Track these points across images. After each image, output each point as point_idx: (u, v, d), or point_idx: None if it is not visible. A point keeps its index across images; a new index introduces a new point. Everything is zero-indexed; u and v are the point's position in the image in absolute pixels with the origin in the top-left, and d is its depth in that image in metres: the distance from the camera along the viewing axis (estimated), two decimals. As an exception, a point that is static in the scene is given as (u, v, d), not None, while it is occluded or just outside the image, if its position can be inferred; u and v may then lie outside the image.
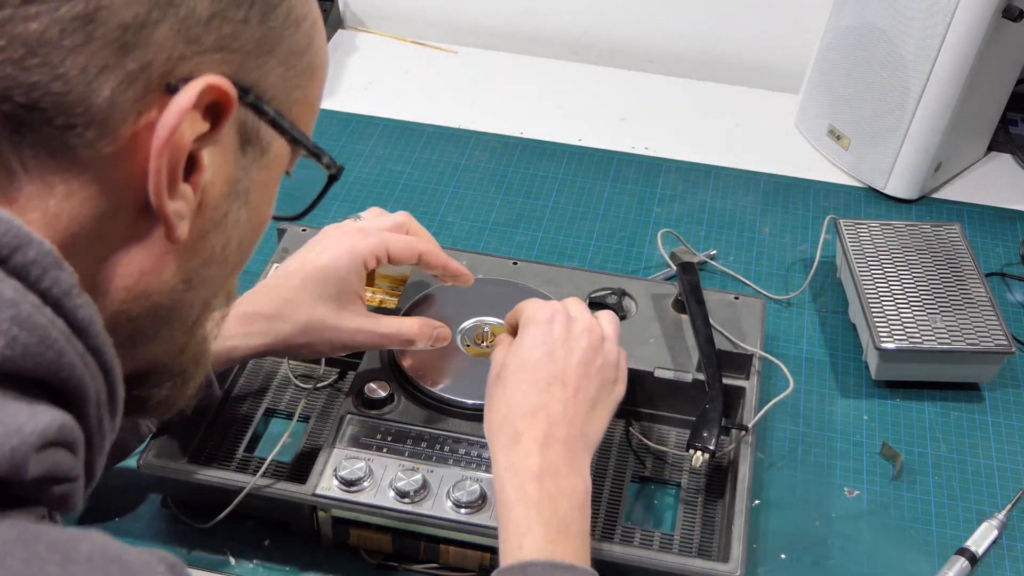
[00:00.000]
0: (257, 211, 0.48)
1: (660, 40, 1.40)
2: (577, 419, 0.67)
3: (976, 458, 0.89)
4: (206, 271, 0.46)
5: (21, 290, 0.37)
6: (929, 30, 1.06)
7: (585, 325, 0.72)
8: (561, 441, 0.66)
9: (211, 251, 0.46)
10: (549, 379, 0.68)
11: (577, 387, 0.69)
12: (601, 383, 0.70)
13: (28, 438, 0.36)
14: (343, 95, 1.33)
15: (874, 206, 1.17)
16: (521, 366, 0.69)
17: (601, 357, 0.71)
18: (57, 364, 0.38)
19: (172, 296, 0.45)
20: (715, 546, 0.78)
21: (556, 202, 1.16)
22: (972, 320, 0.93)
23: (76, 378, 0.39)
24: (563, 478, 0.65)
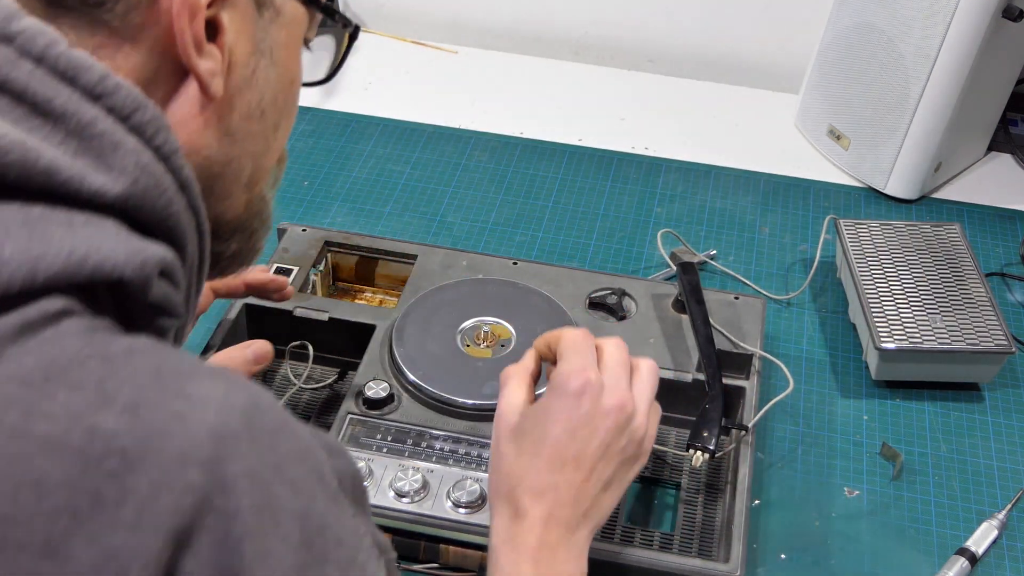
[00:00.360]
0: (284, 69, 0.52)
1: (660, 40, 1.40)
2: (586, 502, 0.64)
3: (976, 458, 0.89)
4: (247, 125, 0.50)
5: (139, 144, 0.42)
6: (929, 30, 1.06)
7: (616, 402, 0.65)
8: (564, 524, 0.63)
9: (247, 106, 0.50)
10: (565, 459, 0.63)
11: (592, 469, 0.64)
12: (620, 464, 0.65)
13: (151, 258, 0.42)
14: (343, 95, 1.33)
15: (874, 206, 1.17)
16: (540, 439, 0.64)
17: (626, 437, 0.65)
18: (167, 211, 0.43)
19: (220, 150, 0.49)
20: (715, 546, 0.78)
21: (556, 202, 1.16)
22: (972, 320, 0.93)
23: (181, 229, 0.45)
24: (560, 563, 0.62)
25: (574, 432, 0.63)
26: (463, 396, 0.81)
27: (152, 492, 0.36)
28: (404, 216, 1.13)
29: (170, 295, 0.44)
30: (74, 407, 0.36)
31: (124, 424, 0.36)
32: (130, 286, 0.41)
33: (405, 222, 1.12)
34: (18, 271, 0.37)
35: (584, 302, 0.92)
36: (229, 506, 0.37)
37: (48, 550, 0.35)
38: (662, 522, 0.81)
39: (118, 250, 0.40)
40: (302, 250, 0.96)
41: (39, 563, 0.35)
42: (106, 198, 0.40)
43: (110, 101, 0.41)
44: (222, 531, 0.37)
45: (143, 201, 0.42)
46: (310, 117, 1.28)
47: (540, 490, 0.63)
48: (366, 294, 1.00)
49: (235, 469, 0.38)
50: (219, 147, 0.49)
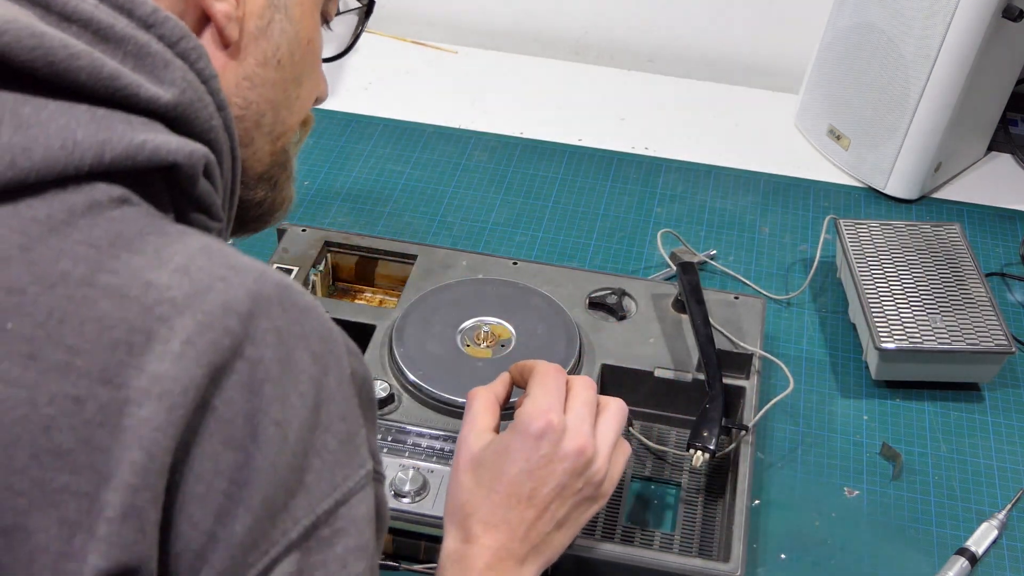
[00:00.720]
0: (300, 27, 0.57)
1: (660, 40, 1.40)
2: (536, 539, 0.66)
3: (976, 458, 0.89)
4: (263, 71, 0.56)
5: (184, 66, 0.48)
6: (929, 30, 1.06)
7: (576, 446, 0.66)
8: (513, 556, 0.65)
9: (263, 54, 0.55)
10: (520, 497, 0.65)
11: (545, 509, 0.65)
12: (576, 504, 0.67)
13: (198, 151, 0.48)
14: (343, 95, 1.33)
15: (874, 206, 1.17)
16: (497, 475, 0.65)
17: (583, 480, 0.66)
18: (208, 124, 0.49)
19: (239, 93, 0.55)
20: (715, 546, 0.78)
21: (556, 202, 1.16)
22: (972, 320, 0.93)
23: (219, 145, 0.51)
24: None
25: (531, 472, 0.65)
26: (463, 396, 0.81)
27: (197, 330, 0.42)
28: (404, 216, 1.13)
29: (212, 194, 0.50)
30: (134, 266, 0.43)
31: (176, 280, 0.43)
32: (181, 173, 0.47)
33: (405, 222, 1.12)
34: (88, 151, 0.43)
35: (584, 302, 0.92)
36: (256, 354, 0.43)
37: (105, 377, 0.41)
38: (662, 522, 0.81)
39: (171, 141, 0.46)
40: (302, 250, 0.96)
41: (97, 388, 0.40)
42: (159, 104, 0.46)
43: (160, 30, 0.48)
44: (248, 374, 0.43)
45: (189, 111, 0.48)
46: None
47: (493, 523, 0.65)
48: (366, 294, 1.00)
49: (265, 325, 0.44)
50: (237, 89, 0.55)
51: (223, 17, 0.52)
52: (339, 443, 0.47)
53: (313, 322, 0.46)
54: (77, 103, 0.44)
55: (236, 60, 0.54)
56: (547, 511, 0.65)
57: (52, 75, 0.44)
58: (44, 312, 0.41)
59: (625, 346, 0.88)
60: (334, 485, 0.46)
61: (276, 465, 0.43)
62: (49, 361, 0.40)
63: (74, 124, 0.44)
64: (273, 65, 0.56)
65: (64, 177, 0.43)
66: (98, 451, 0.40)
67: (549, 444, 0.66)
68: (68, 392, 0.40)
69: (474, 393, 0.71)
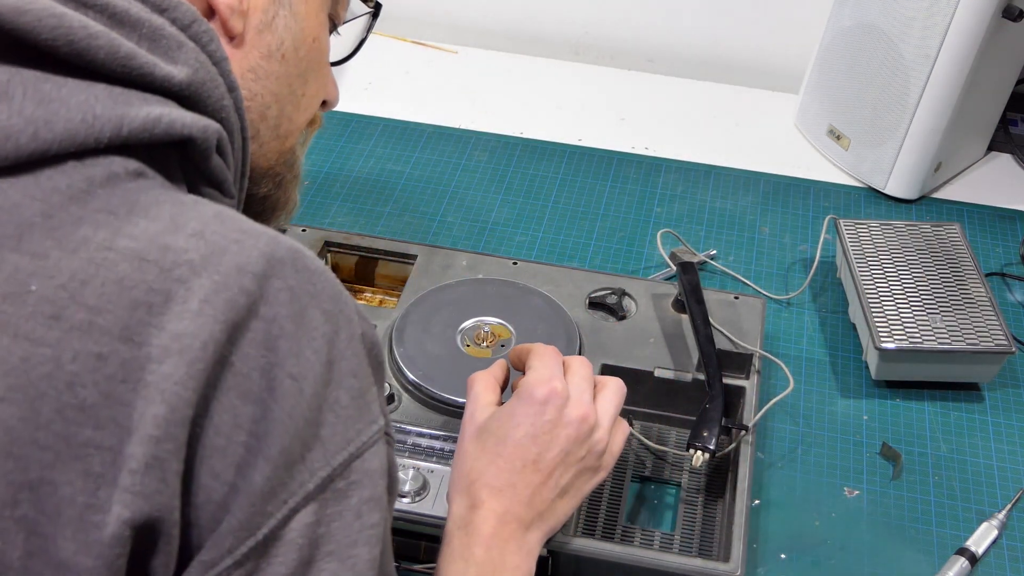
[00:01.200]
0: (305, 23, 0.59)
1: (660, 40, 1.40)
2: (541, 505, 0.67)
3: (976, 458, 0.89)
4: (267, 64, 0.57)
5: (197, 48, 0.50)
6: (929, 30, 1.06)
7: (579, 413, 0.68)
8: (518, 521, 0.66)
9: (267, 47, 0.57)
10: (525, 461, 0.67)
11: (550, 475, 0.67)
12: (579, 473, 0.69)
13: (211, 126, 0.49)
14: (343, 95, 1.31)
15: (874, 206, 1.17)
16: (502, 439, 0.67)
17: (586, 448, 0.68)
18: (220, 103, 0.51)
19: (244, 84, 0.56)
20: (715, 546, 0.78)
21: (556, 202, 1.16)
22: (972, 320, 0.93)
23: (230, 124, 0.52)
24: (510, 554, 0.65)
25: (536, 437, 0.67)
26: (463, 396, 0.81)
27: (214, 289, 0.43)
28: (404, 216, 1.13)
29: (224, 171, 0.52)
30: (152, 231, 0.44)
31: (192, 244, 0.44)
32: (196, 147, 0.49)
33: (405, 222, 1.12)
34: (108, 124, 0.45)
35: (584, 302, 0.92)
36: (270, 313, 0.45)
37: (126, 335, 0.42)
38: (662, 522, 0.81)
39: (186, 116, 0.48)
40: (302, 250, 0.96)
41: (118, 345, 0.42)
42: (173, 82, 0.48)
43: (172, 14, 0.50)
44: (263, 331, 0.44)
45: (202, 90, 0.50)
46: (310, 117, 1.28)
47: (498, 487, 0.66)
48: (366, 294, 1.00)
49: (279, 284, 0.45)
50: (242, 80, 0.55)
51: (227, 9, 0.54)
52: (351, 399, 0.48)
53: (324, 283, 0.48)
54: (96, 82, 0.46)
55: (241, 52, 0.56)
56: (551, 477, 0.67)
57: (72, 54, 0.45)
58: (67, 274, 0.42)
59: (625, 346, 0.88)
60: (348, 439, 0.47)
61: (293, 417, 0.45)
62: (72, 321, 0.42)
63: (93, 100, 0.45)
64: (277, 59, 0.58)
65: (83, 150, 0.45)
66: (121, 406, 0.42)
67: (554, 409, 0.68)
68: (91, 350, 0.42)
69: (474, 376, 0.73)
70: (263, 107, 0.58)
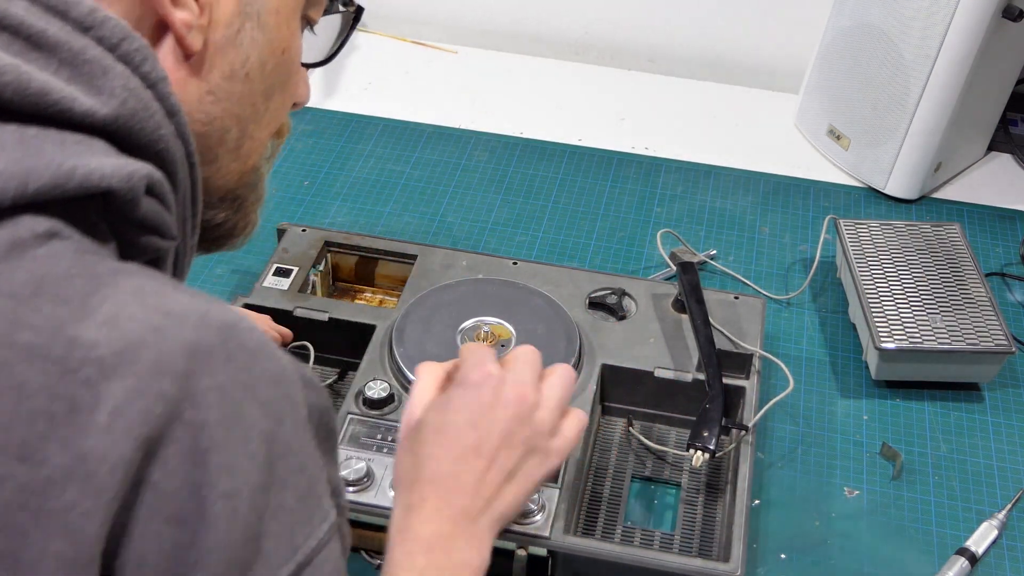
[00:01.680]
0: (274, 35, 0.52)
1: (660, 40, 1.40)
2: (488, 492, 0.63)
3: (976, 458, 0.89)
4: (229, 85, 0.51)
5: (127, 71, 0.44)
6: (929, 30, 1.06)
7: (517, 392, 0.65)
8: (463, 513, 0.62)
9: (229, 66, 0.50)
10: (465, 448, 0.63)
11: (494, 459, 0.63)
12: (525, 455, 0.64)
13: (138, 172, 0.43)
14: (343, 95, 1.33)
15: (874, 206, 1.17)
16: (440, 428, 0.64)
17: (529, 428, 0.64)
18: (156, 134, 0.45)
19: (201, 108, 0.50)
20: (715, 546, 0.78)
21: (556, 202, 1.16)
22: (972, 320, 0.93)
23: (171, 154, 0.46)
24: (457, 551, 0.61)
25: (475, 423, 0.63)
26: (463, 396, 0.81)
27: (126, 398, 0.37)
28: (404, 216, 1.13)
29: (160, 213, 0.46)
30: (57, 319, 0.38)
31: (103, 335, 0.38)
32: (118, 198, 0.43)
33: (405, 222, 1.12)
34: (10, 182, 0.39)
35: (584, 302, 0.92)
36: (198, 418, 0.39)
37: (24, 453, 0.36)
38: (662, 522, 0.81)
39: (106, 164, 0.42)
40: (302, 250, 0.96)
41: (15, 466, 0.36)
42: (96, 118, 0.42)
43: (99, 32, 0.43)
44: (190, 442, 0.39)
45: (132, 123, 0.44)
46: (310, 117, 1.28)
47: (438, 479, 0.62)
48: (366, 294, 1.00)
49: (207, 383, 0.39)
50: (199, 104, 0.50)
51: (183, 26, 0.47)
52: (298, 499, 0.43)
53: (263, 364, 0.42)
54: (5, 123, 0.40)
55: (199, 73, 0.50)
56: (496, 461, 0.63)
57: None
58: None
59: (625, 346, 0.88)
60: (295, 547, 0.43)
61: (227, 542, 0.39)
62: None
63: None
64: (240, 78, 0.51)
65: None
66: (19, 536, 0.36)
67: (490, 391, 0.64)
68: None
69: (422, 365, 0.70)
70: (222, 131, 0.52)
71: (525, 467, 0.64)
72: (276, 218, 1.12)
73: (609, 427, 0.88)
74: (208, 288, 1.02)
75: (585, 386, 0.84)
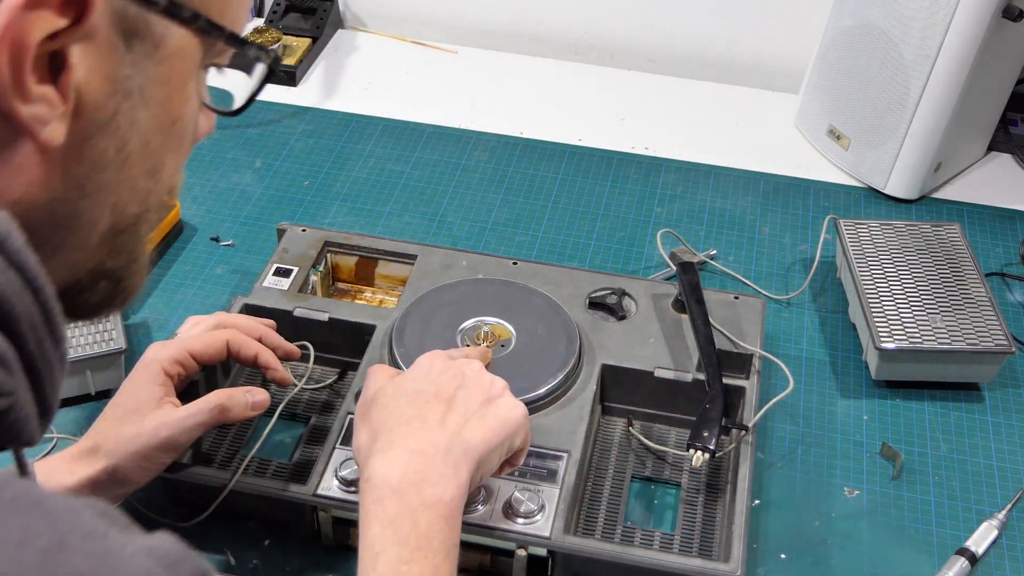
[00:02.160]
0: (163, 109, 0.44)
1: (660, 40, 1.40)
2: (454, 426, 0.66)
3: (976, 458, 0.89)
4: (100, 176, 0.43)
5: None
6: (929, 30, 1.06)
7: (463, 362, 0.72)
8: (434, 446, 0.64)
9: (102, 154, 0.42)
10: (428, 397, 0.68)
11: (453, 397, 0.68)
12: (485, 401, 0.69)
13: None
14: (343, 95, 1.33)
15: (874, 206, 1.17)
16: (399, 389, 0.69)
17: (482, 380, 0.71)
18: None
19: (68, 205, 0.43)
20: (715, 546, 0.78)
21: (556, 202, 1.16)
22: (972, 320, 0.93)
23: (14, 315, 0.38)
24: (430, 486, 0.62)
25: (431, 379, 0.70)
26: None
27: None
28: (404, 216, 1.13)
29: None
30: None
31: None
32: None
33: (405, 222, 1.12)
34: None
35: (584, 302, 0.92)
36: None
37: None
38: (662, 522, 0.81)
39: None
40: (302, 250, 0.96)
41: None
42: None
43: None
44: None
45: None
46: (310, 117, 1.28)
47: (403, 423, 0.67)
48: (366, 294, 1.00)
49: None
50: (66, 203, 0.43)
51: (35, 123, 0.39)
52: None
53: None
54: None
55: (62, 167, 0.41)
56: (455, 403, 0.68)
57: None
58: None
59: (625, 346, 0.88)
60: None
61: None
62: None
63: None
64: (117, 165, 0.43)
65: None
66: None
67: (440, 359, 0.72)
68: None
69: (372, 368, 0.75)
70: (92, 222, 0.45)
71: (486, 410, 0.69)
72: (276, 218, 1.12)
73: (609, 427, 0.88)
74: (208, 288, 1.02)
75: (585, 386, 0.84)
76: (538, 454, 0.79)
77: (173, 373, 0.76)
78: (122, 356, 0.89)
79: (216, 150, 1.21)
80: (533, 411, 0.82)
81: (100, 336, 0.88)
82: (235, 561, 0.78)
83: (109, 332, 0.88)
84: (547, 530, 0.74)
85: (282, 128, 1.26)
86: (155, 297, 1.01)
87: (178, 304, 1.01)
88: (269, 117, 1.27)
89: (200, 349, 0.78)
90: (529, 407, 0.82)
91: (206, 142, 1.22)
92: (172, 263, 1.05)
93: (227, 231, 1.10)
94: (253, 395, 0.77)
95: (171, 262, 1.06)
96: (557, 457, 0.79)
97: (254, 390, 0.78)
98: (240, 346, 0.80)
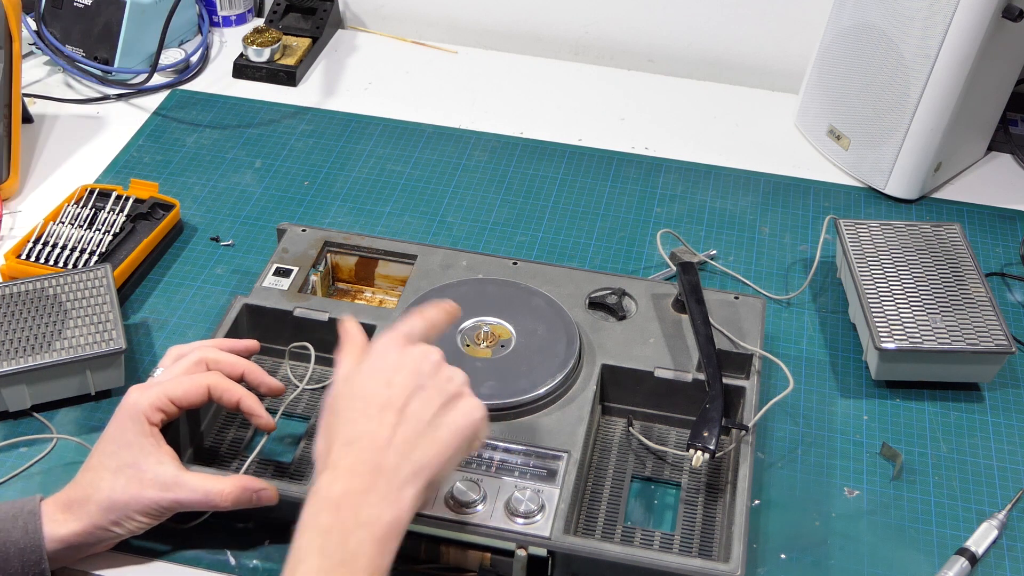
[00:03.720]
0: None
1: (660, 40, 1.40)
2: (403, 444, 0.64)
3: (976, 458, 0.89)
4: None
5: None
6: (929, 30, 1.06)
7: (421, 350, 0.68)
8: (378, 469, 0.62)
9: None
10: (380, 405, 0.65)
11: (405, 410, 0.65)
12: (442, 405, 0.66)
13: None
14: (343, 95, 1.33)
15: (874, 206, 1.17)
16: (353, 394, 0.66)
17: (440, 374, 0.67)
18: None
19: None
20: (715, 546, 0.78)
21: (556, 202, 1.16)
22: (972, 320, 0.93)
23: None
24: (368, 507, 0.61)
25: (388, 380, 0.66)
26: (463, 396, 0.81)
27: None
28: (404, 216, 1.13)
29: None
30: None
31: None
32: None
33: (405, 222, 1.12)
34: None
35: (584, 302, 0.92)
36: None
37: None
38: (662, 522, 0.81)
39: None
40: (302, 250, 0.96)
41: None
42: None
43: None
44: None
45: None
46: (310, 117, 1.28)
47: (354, 439, 0.64)
48: (366, 294, 1.00)
49: None
50: None
51: None
52: None
53: None
54: None
55: None
56: (407, 412, 0.65)
57: None
58: None
59: (625, 346, 0.88)
60: None
61: None
62: None
63: None
64: None
65: None
66: None
67: (395, 351, 0.68)
68: None
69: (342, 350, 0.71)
70: None
71: (444, 417, 0.66)
72: (276, 218, 1.12)
73: (609, 427, 0.88)
74: (208, 288, 1.02)
75: (585, 386, 0.84)
76: (538, 454, 0.79)
77: (156, 421, 0.75)
78: (122, 356, 0.89)
79: (216, 150, 1.21)
80: (533, 411, 0.82)
81: (100, 336, 0.88)
82: (235, 561, 0.78)
83: (109, 332, 0.88)
84: (547, 530, 0.74)
85: (282, 128, 1.26)
86: (155, 297, 1.01)
87: (178, 304, 1.01)
88: (269, 117, 1.27)
89: (180, 395, 0.77)
90: (529, 407, 0.82)
91: (206, 142, 1.22)
92: (172, 263, 1.05)
93: (227, 231, 1.10)
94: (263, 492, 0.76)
95: (171, 262, 1.06)
96: (557, 457, 0.79)
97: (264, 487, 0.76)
98: (222, 393, 0.78)
